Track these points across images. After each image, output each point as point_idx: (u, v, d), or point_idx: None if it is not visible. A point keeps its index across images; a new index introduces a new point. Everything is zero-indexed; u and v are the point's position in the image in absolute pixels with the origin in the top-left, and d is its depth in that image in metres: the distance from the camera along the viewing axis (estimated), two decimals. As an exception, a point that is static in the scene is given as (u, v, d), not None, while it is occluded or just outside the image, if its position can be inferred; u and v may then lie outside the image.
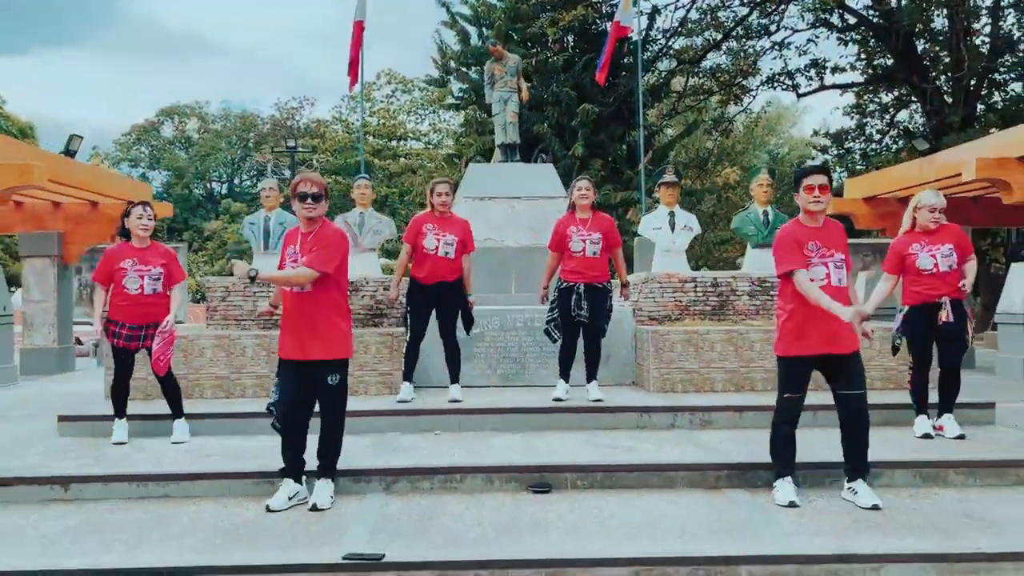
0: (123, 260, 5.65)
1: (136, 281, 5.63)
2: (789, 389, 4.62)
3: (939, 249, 5.65)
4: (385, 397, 6.78)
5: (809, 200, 4.49)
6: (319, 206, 4.53)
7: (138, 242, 5.75)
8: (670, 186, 8.03)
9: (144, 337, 5.70)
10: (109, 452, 5.48)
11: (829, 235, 4.55)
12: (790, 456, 4.66)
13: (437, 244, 6.47)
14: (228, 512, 4.51)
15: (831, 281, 4.46)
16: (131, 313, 5.65)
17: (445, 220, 6.60)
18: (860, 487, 4.53)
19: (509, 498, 4.73)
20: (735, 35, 23.62)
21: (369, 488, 4.87)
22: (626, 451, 5.35)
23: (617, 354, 7.37)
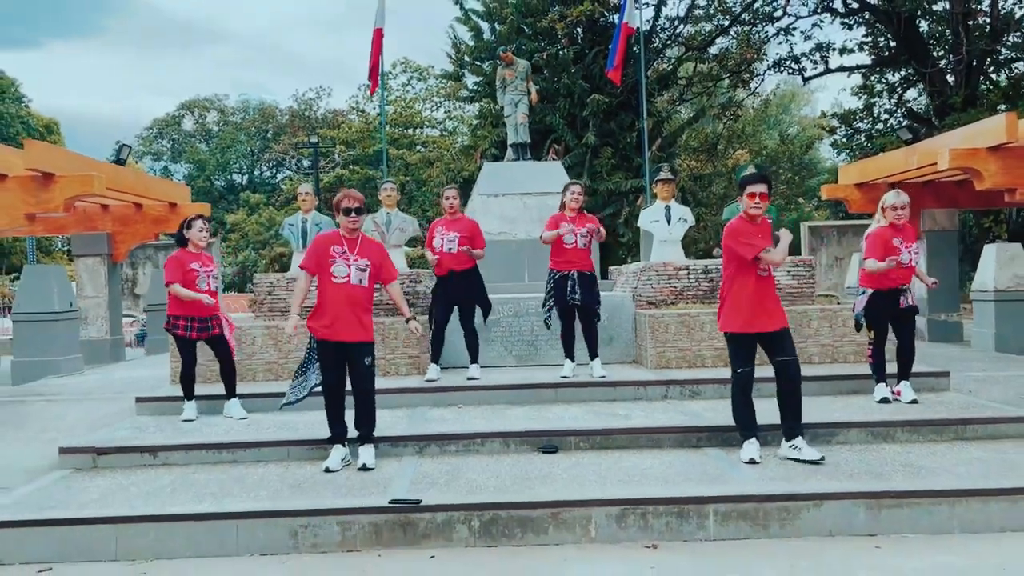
0: (191, 263, 6.62)
1: (205, 281, 6.61)
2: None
3: (912, 245, 6.51)
4: (414, 377, 7.72)
5: (751, 205, 5.33)
6: (361, 218, 5.51)
7: (196, 249, 6.72)
8: (666, 183, 8.85)
9: (211, 327, 6.68)
10: (183, 426, 6.46)
11: (763, 233, 5.37)
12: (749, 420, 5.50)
13: (442, 243, 7.41)
14: (290, 472, 5.47)
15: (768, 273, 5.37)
16: (202, 307, 6.62)
17: (453, 221, 7.51)
18: (802, 443, 5.36)
19: (522, 458, 5.66)
20: (742, 20, 24.22)
21: (405, 452, 5.81)
22: (622, 418, 6.25)
23: (619, 336, 8.26)
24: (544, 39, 21.49)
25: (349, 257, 5.47)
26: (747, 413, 5.48)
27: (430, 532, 4.65)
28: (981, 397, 6.94)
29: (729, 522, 4.65)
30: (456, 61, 22.78)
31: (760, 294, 5.31)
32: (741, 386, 5.44)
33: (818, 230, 19.19)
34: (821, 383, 6.92)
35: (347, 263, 5.44)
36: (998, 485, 4.73)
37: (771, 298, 5.37)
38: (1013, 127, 8.92)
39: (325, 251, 5.52)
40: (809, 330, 7.68)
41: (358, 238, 5.57)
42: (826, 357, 7.71)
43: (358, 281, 5.46)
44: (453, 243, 7.42)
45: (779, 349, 5.33)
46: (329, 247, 5.52)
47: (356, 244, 5.55)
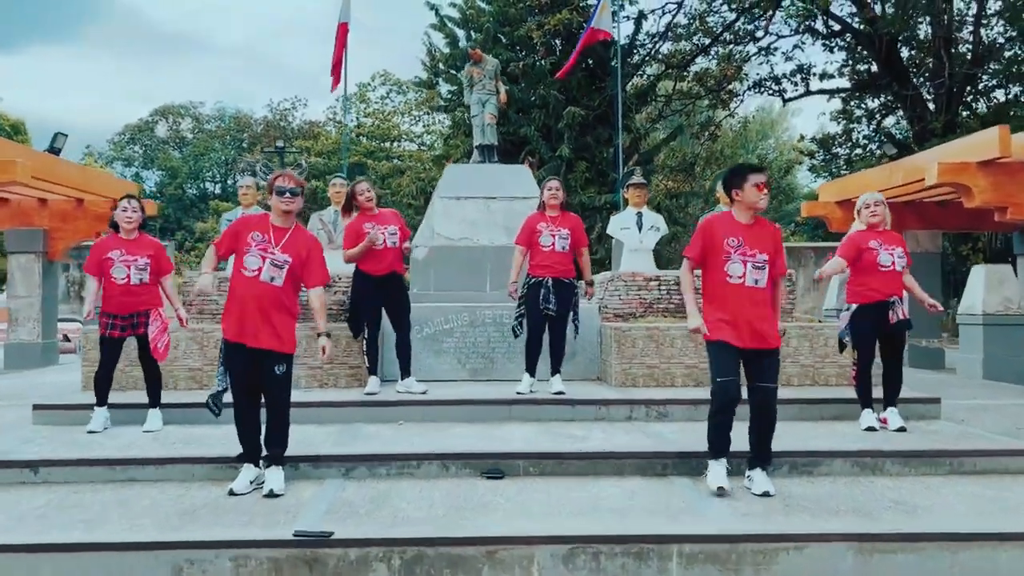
0: (110, 251, 5.85)
1: (123, 271, 5.83)
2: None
3: (895, 249, 5.87)
4: (354, 389, 6.97)
5: (760, 197, 4.65)
6: (296, 200, 4.74)
7: (125, 234, 5.94)
8: (638, 187, 8.23)
9: (136, 326, 5.89)
10: (81, 439, 5.66)
11: (758, 235, 4.67)
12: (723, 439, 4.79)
13: (384, 236, 6.70)
14: (190, 494, 4.70)
15: (746, 281, 4.62)
16: (120, 304, 5.85)
17: (378, 215, 6.80)
18: (758, 475, 4.70)
19: (463, 483, 4.92)
20: (722, 40, 23.89)
21: (328, 473, 5.05)
22: (579, 440, 5.55)
23: (583, 350, 7.57)
24: (521, 49, 21.00)
25: (268, 248, 4.68)
26: (722, 431, 4.76)
27: (342, 571, 3.90)
28: (975, 426, 6.33)
29: (695, 565, 3.95)
30: (430, 69, 22.21)
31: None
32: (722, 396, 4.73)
33: (795, 252, 18.69)
34: (801, 407, 6.26)
35: (262, 255, 4.66)
36: (1006, 528, 4.07)
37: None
38: (1007, 141, 8.42)
39: (243, 236, 4.73)
40: (788, 349, 7.04)
41: (289, 228, 4.78)
42: (806, 379, 7.07)
43: (269, 279, 4.64)
44: (395, 236, 6.71)
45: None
46: (249, 232, 4.73)
47: (284, 236, 4.73)
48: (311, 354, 6.97)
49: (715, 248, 4.69)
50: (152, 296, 5.98)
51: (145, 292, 5.94)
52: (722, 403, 4.73)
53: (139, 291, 5.92)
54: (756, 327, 4.57)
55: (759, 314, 4.59)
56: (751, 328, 4.59)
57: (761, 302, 4.62)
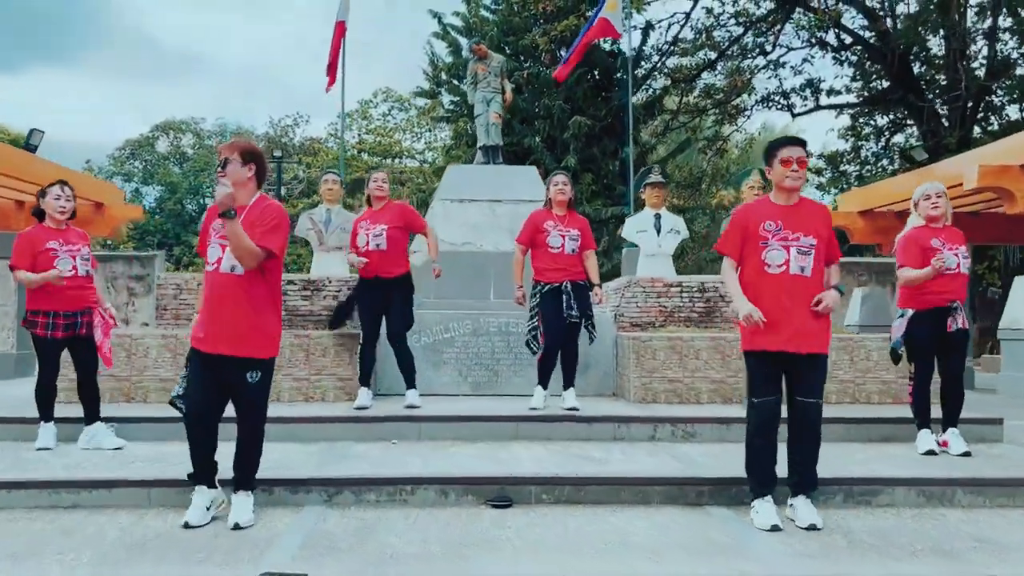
0: (48, 241, 5.16)
1: (68, 262, 5.16)
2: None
3: (959, 248, 5.19)
4: (343, 403, 6.28)
5: (787, 174, 3.98)
6: (230, 170, 3.87)
7: (55, 224, 5.27)
8: (656, 187, 7.58)
9: (79, 325, 5.21)
10: (25, 457, 4.95)
11: (801, 216, 4.01)
12: (767, 472, 4.12)
13: (368, 239, 6.03)
14: (142, 524, 3.98)
15: (789, 269, 3.95)
16: (65, 299, 5.16)
17: (379, 212, 6.15)
18: (802, 503, 4.02)
19: (464, 513, 4.21)
20: (729, 54, 23.39)
21: (308, 500, 4.34)
22: (598, 463, 4.83)
23: (597, 363, 6.88)
24: (525, 58, 20.45)
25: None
26: (764, 461, 4.09)
27: (316, 622, 3.18)
28: (1042, 450, 5.61)
29: (748, 618, 3.23)
30: (433, 78, 21.65)
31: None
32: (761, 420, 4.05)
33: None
34: (846, 427, 5.56)
35: (221, 243, 3.91)
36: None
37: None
38: (1055, 140, 7.75)
39: (207, 229, 4.07)
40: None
41: (246, 205, 3.91)
42: (845, 396, 6.36)
43: (230, 268, 3.88)
44: (380, 237, 6.03)
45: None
46: (210, 222, 4.04)
47: (241, 215, 3.86)
48: (295, 364, 6.28)
49: (751, 236, 4.02)
50: (93, 292, 5.35)
51: (89, 286, 5.30)
52: (759, 425, 4.05)
53: (84, 284, 5.26)
54: (800, 326, 3.88)
55: (804, 310, 3.90)
56: (793, 327, 3.91)
57: (807, 294, 3.94)
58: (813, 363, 3.95)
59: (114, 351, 5.83)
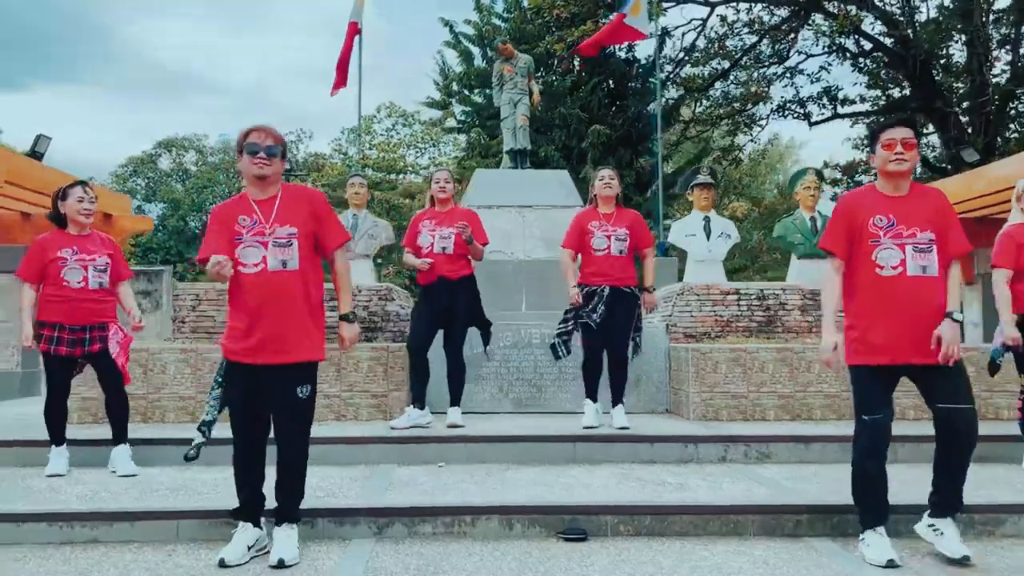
0: (60, 249, 4.68)
1: (78, 273, 4.66)
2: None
3: None
4: (378, 422, 5.78)
5: (890, 158, 3.50)
6: (275, 162, 3.49)
7: (77, 229, 4.78)
8: (705, 188, 7.10)
9: (89, 341, 4.70)
10: (36, 485, 4.44)
11: (914, 208, 3.52)
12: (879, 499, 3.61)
13: (432, 240, 5.56)
14: (172, 562, 3.47)
15: (907, 270, 3.46)
16: (72, 311, 4.67)
17: (445, 214, 5.69)
18: (948, 526, 3.50)
19: (534, 547, 3.70)
20: (743, 64, 23.02)
21: (355, 532, 3.84)
22: (675, 489, 4.32)
23: (648, 377, 6.37)
24: (539, 67, 20.05)
25: (264, 229, 3.46)
26: (877, 487, 3.57)
27: None
28: None
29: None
30: (443, 89, 21.28)
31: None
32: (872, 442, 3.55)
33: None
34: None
35: (260, 240, 3.44)
36: None
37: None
38: None
39: (229, 226, 3.49)
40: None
41: (276, 195, 3.53)
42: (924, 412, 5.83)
43: (281, 265, 3.43)
44: (448, 240, 5.55)
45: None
46: (234, 220, 3.48)
47: (274, 205, 3.49)
48: (325, 379, 5.78)
49: (859, 232, 3.54)
50: (111, 306, 4.84)
51: (105, 299, 4.79)
52: (869, 447, 3.55)
53: (97, 298, 4.74)
54: (925, 332, 3.38)
55: (929, 313, 3.40)
56: (917, 335, 3.40)
57: (930, 296, 3.44)
58: (947, 368, 3.44)
59: (129, 367, 5.32)
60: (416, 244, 5.63)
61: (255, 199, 3.51)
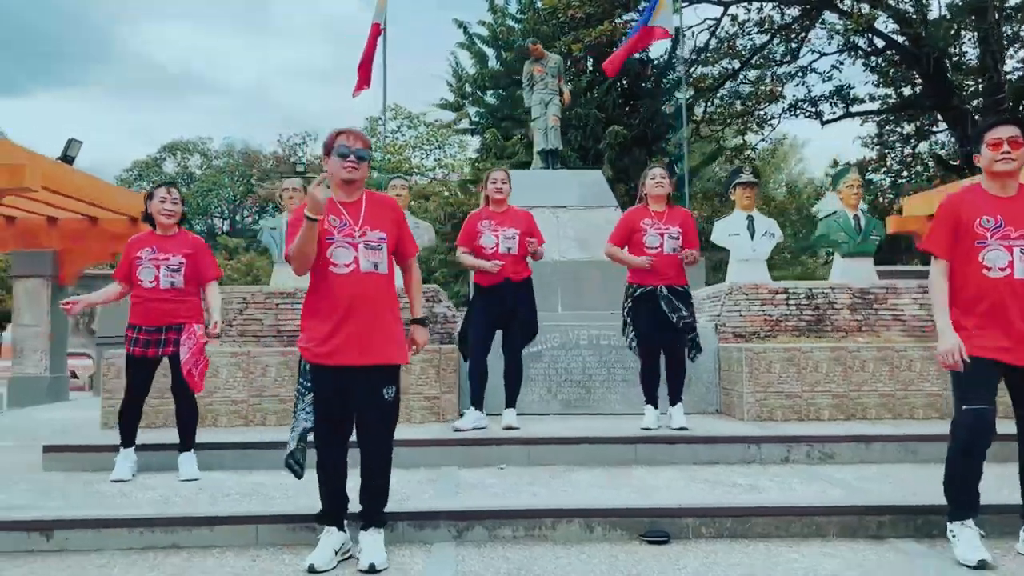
0: (140, 249, 4.70)
1: (151, 272, 4.67)
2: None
3: None
4: (432, 424, 5.76)
5: (996, 157, 3.47)
6: (363, 166, 3.50)
7: (161, 230, 4.80)
8: (748, 187, 7.07)
9: (164, 343, 4.69)
10: (105, 490, 4.43)
11: (1021, 209, 3.49)
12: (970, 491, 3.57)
13: (497, 241, 5.53)
14: (258, 568, 3.45)
15: (1015, 272, 3.44)
16: (145, 312, 4.69)
17: (503, 215, 5.67)
18: None
19: (618, 550, 3.68)
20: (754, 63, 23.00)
21: (435, 536, 3.82)
22: (747, 490, 4.30)
23: (697, 378, 6.33)
24: (553, 68, 20.05)
25: (354, 231, 3.46)
26: (970, 479, 3.54)
27: None
28: None
29: None
30: (457, 90, 21.25)
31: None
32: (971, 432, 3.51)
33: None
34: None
35: (350, 241, 3.45)
36: None
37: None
38: None
39: (299, 226, 3.41)
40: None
41: (362, 199, 3.55)
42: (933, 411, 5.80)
43: (372, 267, 3.45)
44: (512, 241, 5.52)
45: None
46: (325, 218, 3.45)
47: (361, 210, 3.51)
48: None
49: (965, 233, 3.51)
50: (189, 307, 4.79)
51: (178, 300, 4.74)
52: (970, 441, 3.50)
53: (169, 298, 4.72)
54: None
55: None
56: (1022, 336, 3.39)
57: None
58: None
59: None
60: (477, 244, 5.60)
61: (341, 201, 3.50)
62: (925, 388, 5.77)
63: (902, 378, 5.79)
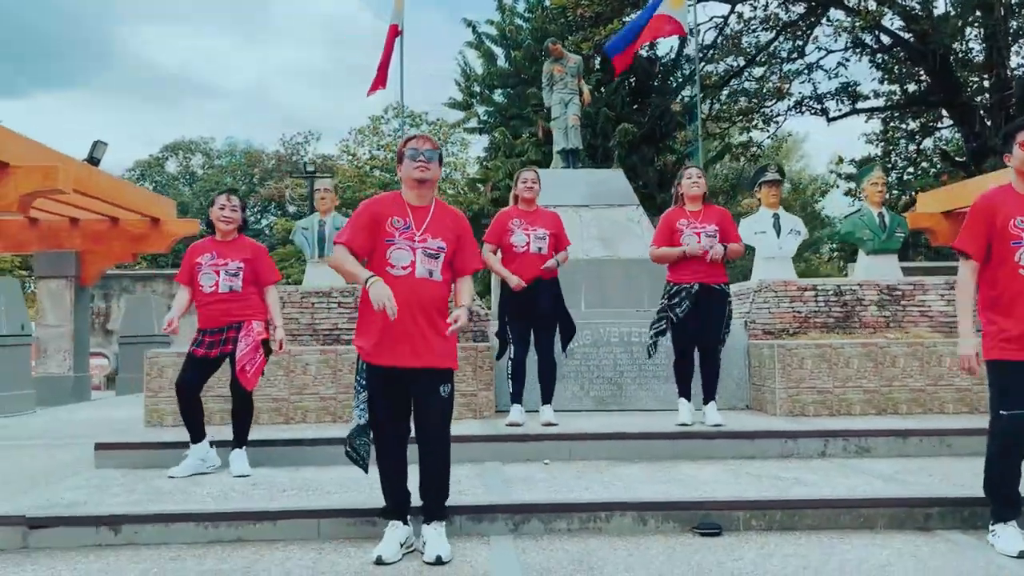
0: (201, 255, 4.82)
1: (211, 277, 4.79)
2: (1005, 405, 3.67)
3: None
4: (469, 421, 5.86)
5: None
6: (433, 166, 3.59)
7: (220, 236, 4.91)
8: (773, 185, 7.16)
9: (225, 342, 4.79)
10: (161, 485, 4.51)
11: None
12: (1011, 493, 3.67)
13: (528, 240, 5.62)
14: (325, 560, 3.54)
15: None
16: (208, 315, 4.83)
17: (533, 214, 5.76)
18: None
19: (674, 542, 3.77)
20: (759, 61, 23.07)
21: (492, 529, 3.91)
22: (793, 484, 4.39)
23: (728, 374, 6.42)
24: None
25: (414, 236, 3.55)
26: (1010, 482, 3.64)
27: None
28: None
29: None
30: (465, 89, 21.32)
31: None
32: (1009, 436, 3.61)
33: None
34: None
35: (410, 245, 3.53)
36: None
37: None
38: None
39: (382, 222, 3.55)
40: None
41: (431, 206, 3.64)
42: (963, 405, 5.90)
43: (427, 273, 3.53)
44: (543, 241, 5.63)
45: None
46: (386, 219, 3.56)
47: (427, 216, 3.60)
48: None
49: (998, 233, 3.59)
50: (248, 307, 4.87)
51: (237, 301, 4.83)
52: (1006, 445, 3.61)
53: (229, 299, 4.82)
54: None
55: None
56: None
57: None
58: None
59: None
60: (507, 242, 5.68)
61: (410, 203, 3.59)
62: (955, 383, 5.87)
63: (932, 373, 5.89)
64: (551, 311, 5.63)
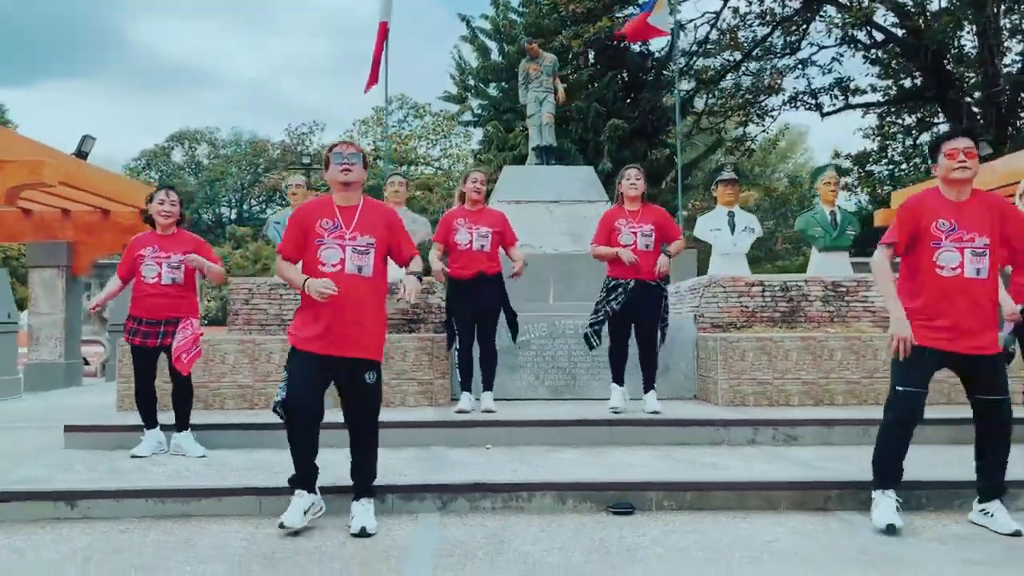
0: (143, 248, 5.10)
1: (153, 269, 5.06)
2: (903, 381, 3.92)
3: None
4: (424, 409, 6.15)
5: (953, 166, 3.79)
6: (356, 168, 3.87)
7: (161, 230, 5.19)
8: (728, 184, 7.42)
9: (163, 335, 5.08)
10: (123, 466, 4.83)
11: (973, 214, 3.82)
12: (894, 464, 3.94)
13: (471, 238, 5.92)
14: (260, 533, 3.85)
15: (964, 272, 3.78)
16: (148, 305, 5.08)
17: (478, 213, 6.05)
18: (997, 507, 3.86)
19: (587, 520, 4.06)
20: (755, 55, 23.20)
21: (422, 508, 4.21)
22: (711, 468, 4.68)
23: (676, 365, 6.71)
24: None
25: (344, 234, 3.83)
26: (895, 452, 3.91)
27: (471, 636, 3.04)
28: None
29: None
30: (460, 83, 21.57)
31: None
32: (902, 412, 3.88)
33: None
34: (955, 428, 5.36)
35: (339, 243, 3.82)
36: None
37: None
38: None
39: (311, 226, 3.85)
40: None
41: (358, 205, 3.92)
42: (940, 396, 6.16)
43: (356, 269, 3.82)
44: (486, 239, 5.92)
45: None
46: (316, 221, 3.85)
47: (355, 214, 3.87)
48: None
49: (922, 234, 3.86)
50: (185, 301, 5.18)
51: (177, 295, 5.13)
52: (902, 416, 3.88)
53: (169, 293, 5.11)
54: (974, 328, 3.73)
55: (979, 312, 3.75)
56: (967, 330, 3.75)
57: (982, 297, 3.79)
58: (991, 362, 3.82)
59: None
60: (452, 240, 5.98)
61: (339, 204, 3.88)
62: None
63: (868, 366, 6.15)
64: (494, 305, 5.92)
